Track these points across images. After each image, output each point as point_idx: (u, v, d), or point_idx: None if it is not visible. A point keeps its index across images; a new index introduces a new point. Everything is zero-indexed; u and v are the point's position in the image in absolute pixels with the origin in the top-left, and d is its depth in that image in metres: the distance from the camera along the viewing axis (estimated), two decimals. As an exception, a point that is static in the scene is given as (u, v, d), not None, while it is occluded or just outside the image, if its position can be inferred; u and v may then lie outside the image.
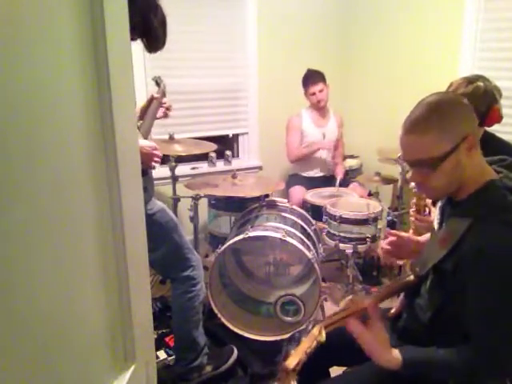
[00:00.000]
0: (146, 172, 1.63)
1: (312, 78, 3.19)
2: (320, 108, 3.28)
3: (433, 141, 1.06)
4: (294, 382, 1.03)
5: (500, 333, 1.05)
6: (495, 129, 1.82)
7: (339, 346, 1.37)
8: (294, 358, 1.04)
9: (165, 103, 1.97)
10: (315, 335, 1.09)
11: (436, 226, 1.29)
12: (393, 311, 1.37)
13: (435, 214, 1.32)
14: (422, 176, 1.12)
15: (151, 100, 1.89)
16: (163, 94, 2.00)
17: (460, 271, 1.07)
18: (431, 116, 1.08)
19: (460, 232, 1.07)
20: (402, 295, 1.40)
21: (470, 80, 1.70)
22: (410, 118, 1.11)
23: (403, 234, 1.44)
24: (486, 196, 1.07)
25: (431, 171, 1.08)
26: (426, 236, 1.45)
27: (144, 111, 1.84)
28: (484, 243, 1.03)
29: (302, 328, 1.15)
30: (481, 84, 1.67)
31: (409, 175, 1.17)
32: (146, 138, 1.72)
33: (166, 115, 1.99)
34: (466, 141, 1.06)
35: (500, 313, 1.04)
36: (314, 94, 3.19)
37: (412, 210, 1.80)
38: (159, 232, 1.75)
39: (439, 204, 1.32)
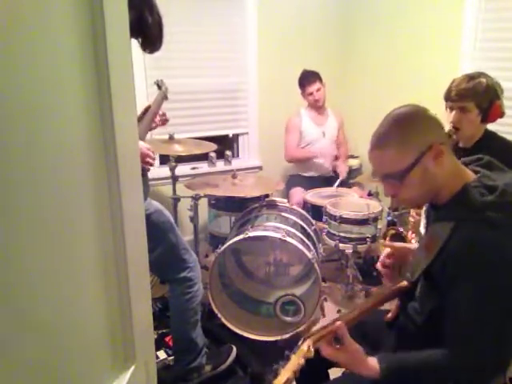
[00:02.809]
0: (142, 173, 1.62)
1: (308, 78, 3.23)
2: (318, 107, 3.32)
3: (394, 155, 1.08)
4: None
5: (486, 334, 1.04)
6: (496, 128, 1.83)
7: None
8: (283, 376, 1.02)
9: (161, 114, 1.94)
10: (304, 351, 1.08)
11: (422, 230, 1.29)
12: (389, 315, 1.37)
13: (422, 219, 1.32)
14: (393, 189, 1.14)
15: (147, 108, 1.88)
16: (164, 97, 1.98)
17: (447, 272, 1.08)
18: (392, 130, 1.10)
19: (444, 236, 1.09)
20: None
21: (472, 76, 1.72)
22: (375, 134, 1.13)
23: (397, 244, 1.42)
24: (463, 198, 1.08)
25: (399, 183, 1.10)
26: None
27: (140, 117, 1.83)
28: (467, 244, 1.03)
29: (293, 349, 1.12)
30: (483, 80, 1.69)
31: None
32: (142, 139, 1.71)
33: (163, 123, 1.95)
34: (431, 150, 1.07)
35: (485, 312, 1.04)
36: (311, 93, 3.24)
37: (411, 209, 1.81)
38: (155, 233, 1.74)
39: (424, 208, 1.31)
